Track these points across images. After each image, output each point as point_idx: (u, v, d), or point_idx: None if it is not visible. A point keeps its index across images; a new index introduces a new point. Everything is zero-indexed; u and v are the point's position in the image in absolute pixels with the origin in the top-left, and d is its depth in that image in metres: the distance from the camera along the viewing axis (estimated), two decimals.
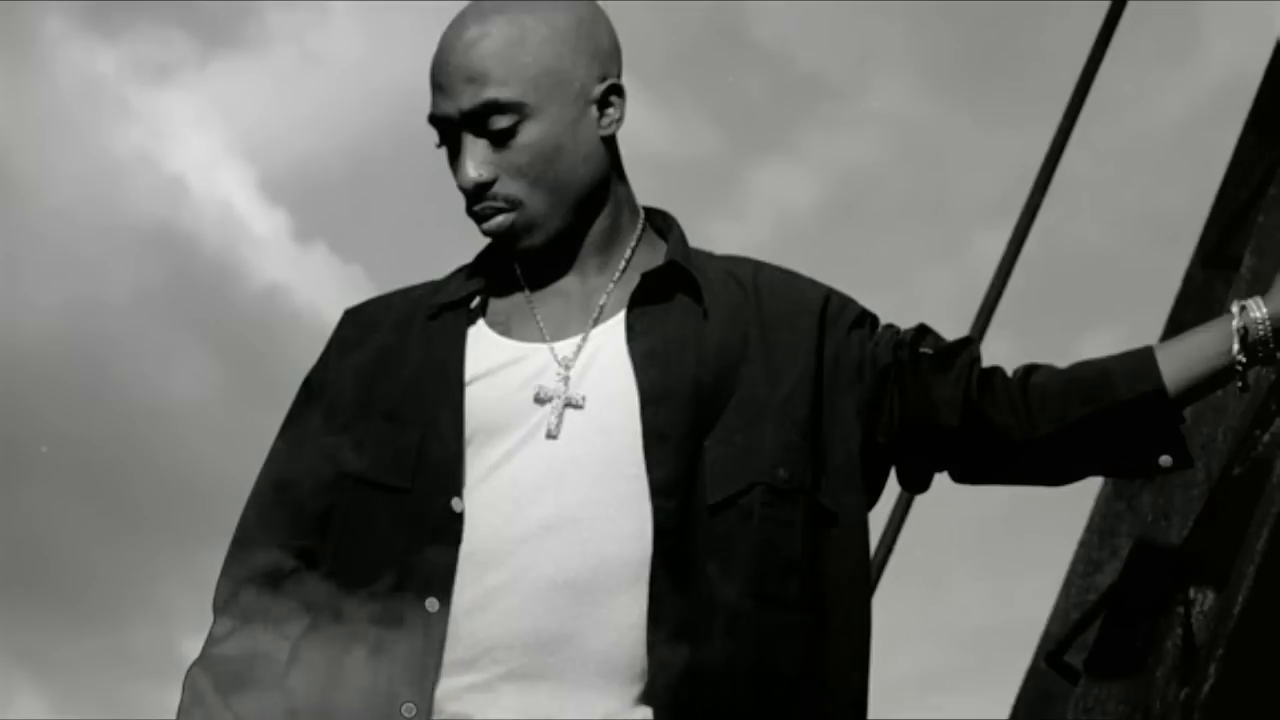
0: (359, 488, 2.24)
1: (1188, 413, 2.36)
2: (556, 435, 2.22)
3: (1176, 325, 3.81)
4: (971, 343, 2.36)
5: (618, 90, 2.30)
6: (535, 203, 2.26)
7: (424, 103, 2.28)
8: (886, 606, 2.39)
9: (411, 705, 2.16)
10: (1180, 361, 2.29)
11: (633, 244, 2.34)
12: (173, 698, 2.31)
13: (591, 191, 2.29)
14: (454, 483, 2.21)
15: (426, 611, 2.17)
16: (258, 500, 2.34)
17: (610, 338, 2.27)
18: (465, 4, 2.30)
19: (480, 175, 2.25)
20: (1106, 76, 4.35)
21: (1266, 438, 2.68)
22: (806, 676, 2.19)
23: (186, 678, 2.30)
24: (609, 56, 2.30)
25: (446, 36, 2.27)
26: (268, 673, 2.25)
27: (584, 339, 2.27)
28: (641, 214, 2.37)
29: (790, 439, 2.24)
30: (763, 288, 2.33)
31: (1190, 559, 2.78)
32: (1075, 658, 3.57)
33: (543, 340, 2.28)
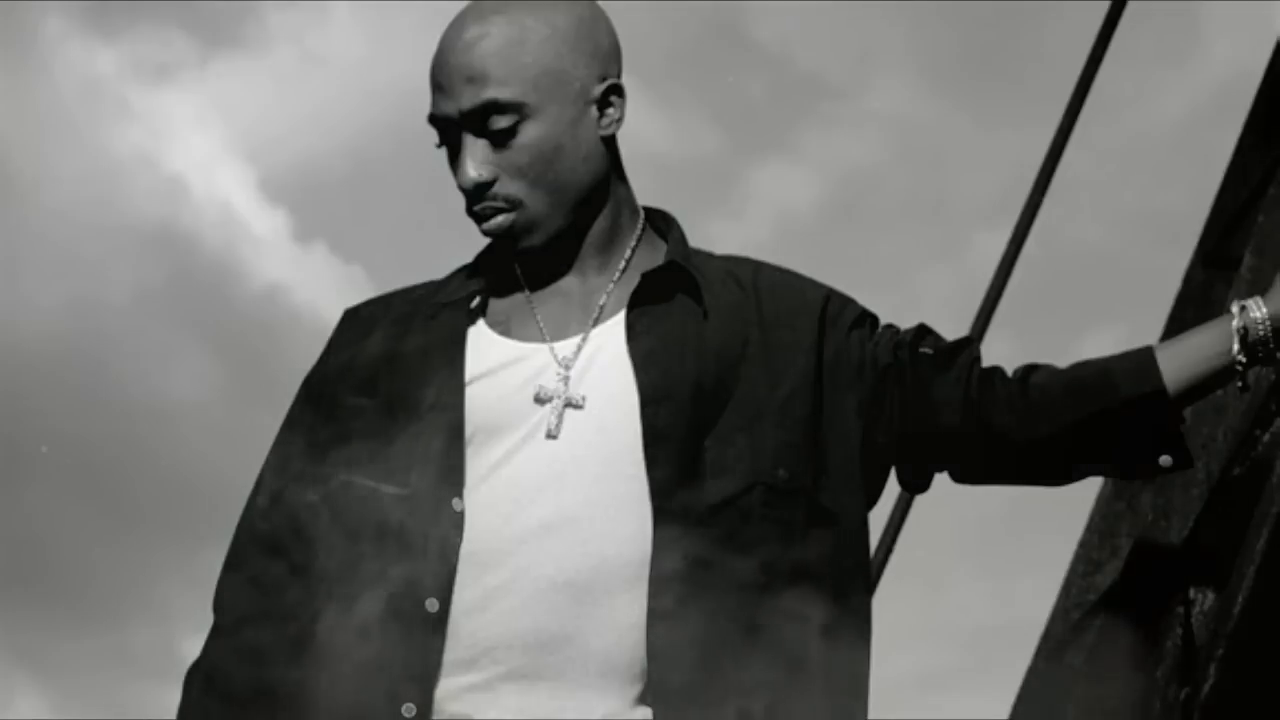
0: (358, 488, 2.24)
1: (1188, 413, 2.36)
2: (556, 435, 2.22)
3: (1176, 325, 3.81)
4: (971, 343, 2.36)
5: (618, 90, 2.30)
6: (535, 203, 2.26)
7: (424, 103, 2.28)
8: (886, 606, 2.39)
9: (411, 705, 2.16)
10: (1180, 361, 2.29)
11: (633, 244, 2.34)
12: (173, 698, 2.31)
13: (591, 191, 2.29)
14: (454, 483, 2.21)
15: (426, 611, 2.17)
16: (257, 499, 2.34)
17: (610, 338, 2.27)
18: (465, 4, 2.30)
19: (480, 175, 2.26)
20: (1106, 76, 4.35)
21: (1266, 438, 2.68)
22: (806, 677, 2.19)
23: (186, 678, 2.31)
24: (609, 56, 2.30)
25: (446, 36, 2.27)
26: (267, 673, 2.25)
27: (584, 339, 2.27)
28: (641, 214, 2.37)
29: (790, 439, 2.24)
30: (762, 288, 2.33)
31: (1190, 559, 2.79)
32: (1075, 658, 3.57)
33: (543, 340, 2.28)
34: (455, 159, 2.28)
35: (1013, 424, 2.30)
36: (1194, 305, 3.87)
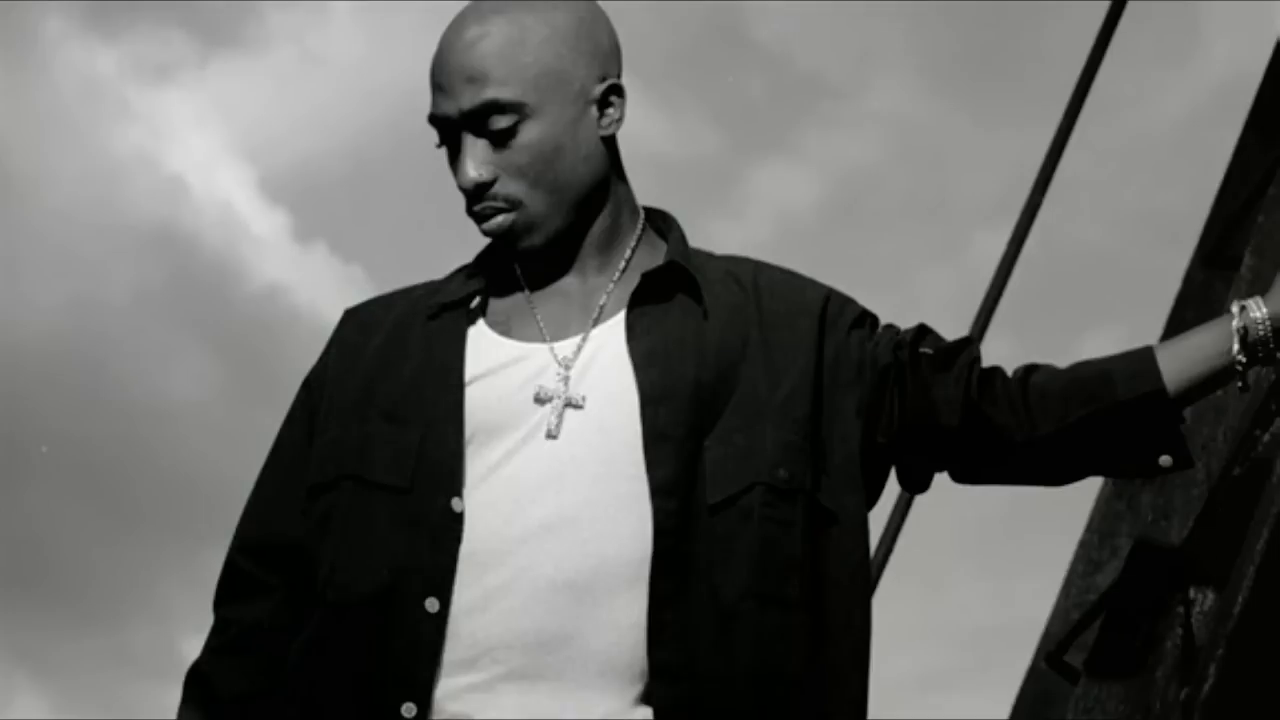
0: (358, 488, 2.24)
1: (1188, 413, 2.36)
2: (556, 435, 2.22)
3: (1176, 325, 3.81)
4: (971, 343, 2.36)
5: (618, 90, 2.30)
6: (535, 203, 2.26)
7: (424, 103, 2.28)
8: (886, 606, 2.39)
9: (411, 705, 2.15)
10: (1180, 362, 2.30)
11: (633, 244, 2.34)
12: (173, 698, 2.32)
13: (591, 191, 2.29)
14: (454, 483, 2.21)
15: (426, 611, 2.17)
16: (258, 499, 2.34)
17: (610, 337, 2.27)
18: (465, 4, 2.30)
19: (480, 175, 2.26)
20: (1106, 76, 4.36)
21: (1266, 438, 2.68)
22: (806, 677, 2.19)
23: (186, 678, 2.31)
24: (609, 56, 2.30)
25: (446, 36, 2.27)
26: (268, 673, 2.25)
27: (584, 339, 2.27)
28: (641, 214, 2.37)
29: (790, 439, 2.24)
30: (763, 288, 2.33)
31: (1190, 559, 2.79)
32: (1075, 658, 3.57)
33: (543, 340, 2.28)
34: (455, 159, 2.28)
35: (1013, 424, 2.30)
36: (1194, 305, 3.87)
